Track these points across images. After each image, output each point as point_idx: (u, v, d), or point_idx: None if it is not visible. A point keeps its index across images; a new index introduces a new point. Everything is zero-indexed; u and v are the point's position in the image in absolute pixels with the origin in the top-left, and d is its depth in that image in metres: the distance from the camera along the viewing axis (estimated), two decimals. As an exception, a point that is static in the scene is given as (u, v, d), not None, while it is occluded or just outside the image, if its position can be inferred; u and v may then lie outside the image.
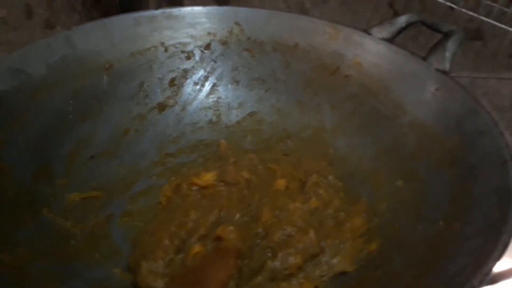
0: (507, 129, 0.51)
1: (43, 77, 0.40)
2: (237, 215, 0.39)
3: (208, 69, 0.49)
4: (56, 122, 0.40)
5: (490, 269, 0.26)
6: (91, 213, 0.39)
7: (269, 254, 0.36)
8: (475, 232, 0.30)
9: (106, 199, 0.41)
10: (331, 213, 0.40)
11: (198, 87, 0.49)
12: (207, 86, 0.50)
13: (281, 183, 0.42)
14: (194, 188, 0.42)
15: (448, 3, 0.64)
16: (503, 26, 0.63)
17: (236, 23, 0.49)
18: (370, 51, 0.46)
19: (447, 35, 0.44)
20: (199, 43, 0.49)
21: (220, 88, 0.50)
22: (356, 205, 0.40)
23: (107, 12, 0.64)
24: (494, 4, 0.62)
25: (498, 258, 0.26)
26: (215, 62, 0.50)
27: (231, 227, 0.37)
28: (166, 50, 0.48)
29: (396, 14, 0.67)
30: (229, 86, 0.50)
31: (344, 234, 0.38)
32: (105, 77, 0.44)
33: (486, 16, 0.63)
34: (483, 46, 0.72)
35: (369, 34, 0.46)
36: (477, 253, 0.28)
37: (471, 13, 0.64)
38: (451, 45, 0.43)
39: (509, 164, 0.33)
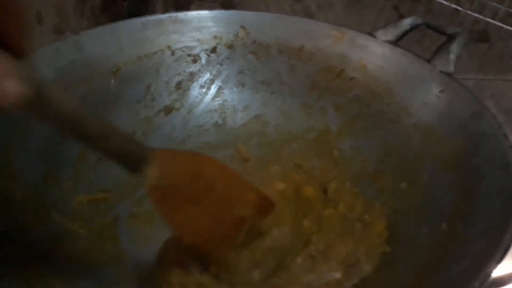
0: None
1: (52, 81, 0.41)
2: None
3: (214, 72, 0.50)
4: (65, 125, 0.41)
5: (492, 271, 0.26)
6: (98, 215, 0.40)
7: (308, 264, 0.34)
8: (478, 234, 0.30)
9: (113, 202, 0.41)
10: (357, 217, 0.39)
11: (204, 90, 0.50)
12: (213, 89, 0.50)
13: (309, 190, 0.42)
14: None
15: (454, 5, 0.64)
16: (509, 28, 0.63)
17: (242, 27, 0.50)
18: (375, 54, 0.47)
19: (451, 37, 0.44)
20: (205, 46, 0.49)
21: (225, 91, 0.50)
22: (374, 208, 0.40)
23: (116, 17, 0.65)
24: (500, 6, 0.62)
25: (500, 259, 0.27)
26: (221, 65, 0.50)
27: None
28: (172, 53, 0.48)
29: (401, 17, 0.68)
30: (235, 89, 0.50)
31: (374, 239, 0.37)
32: (112, 80, 0.45)
33: (492, 18, 0.63)
34: (489, 48, 0.72)
35: (374, 37, 0.47)
36: (480, 254, 0.28)
37: (476, 15, 0.64)
38: (455, 47, 0.43)
39: (512, 166, 0.33)
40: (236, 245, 0.31)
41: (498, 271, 0.35)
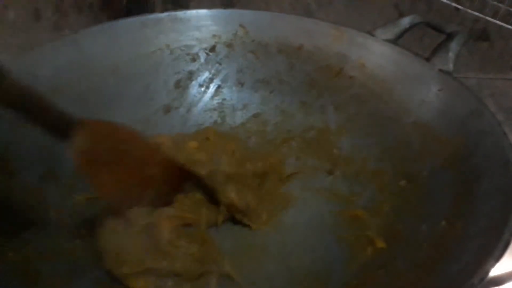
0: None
1: (51, 80, 0.41)
2: None
3: (213, 71, 0.50)
4: (63, 123, 0.41)
5: (491, 268, 0.26)
6: (97, 213, 0.40)
7: None
8: (478, 232, 0.30)
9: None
10: None
11: (203, 89, 0.50)
12: (212, 88, 0.50)
13: None
14: None
15: (454, 4, 0.64)
16: (509, 26, 0.62)
17: (241, 26, 0.49)
18: (374, 53, 0.46)
19: (450, 36, 0.44)
20: (204, 45, 0.49)
21: (224, 90, 0.50)
22: None
23: (114, 16, 0.65)
24: (500, 5, 0.62)
25: (499, 257, 0.27)
26: (220, 64, 0.50)
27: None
28: (171, 52, 0.48)
29: (401, 15, 0.67)
30: (234, 88, 0.50)
31: None
32: (111, 79, 0.45)
33: (492, 17, 0.63)
34: (490, 47, 0.72)
35: (373, 35, 0.47)
36: (479, 252, 0.28)
37: (477, 13, 0.63)
38: (454, 46, 0.43)
39: (511, 164, 0.33)
40: (147, 201, 0.35)
41: (497, 270, 0.35)
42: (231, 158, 0.39)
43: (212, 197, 0.39)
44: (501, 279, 0.39)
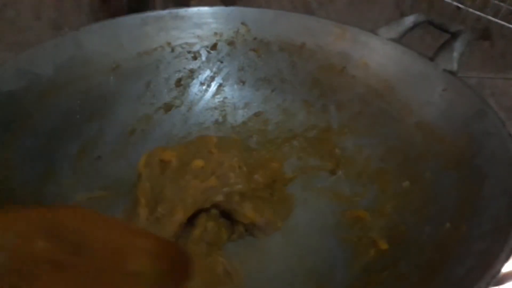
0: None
1: (51, 78, 0.40)
2: None
3: (214, 69, 0.50)
4: (64, 122, 0.41)
5: (498, 271, 0.26)
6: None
7: None
8: (483, 234, 0.30)
9: (112, 199, 0.41)
10: None
11: (204, 87, 0.49)
12: (213, 86, 0.50)
13: None
14: None
15: (455, 3, 0.64)
16: (511, 26, 0.62)
17: (243, 23, 0.49)
18: (377, 52, 0.46)
19: (454, 35, 0.43)
20: (206, 43, 0.49)
21: (226, 88, 0.50)
22: None
23: (115, 13, 0.64)
24: (502, 4, 0.62)
25: (506, 260, 0.26)
26: (221, 62, 0.50)
27: None
28: (172, 50, 0.48)
29: (403, 14, 0.67)
30: (235, 86, 0.50)
31: None
32: (112, 77, 0.45)
33: (493, 16, 0.63)
34: (491, 46, 0.71)
35: (376, 34, 0.46)
36: (484, 255, 0.28)
37: (478, 13, 0.63)
38: (458, 45, 0.43)
39: (517, 166, 0.32)
40: None
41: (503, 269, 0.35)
42: (239, 173, 0.38)
43: (229, 218, 0.38)
44: (501, 279, 0.39)
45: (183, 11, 0.48)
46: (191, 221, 0.37)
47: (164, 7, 0.60)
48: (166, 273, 0.24)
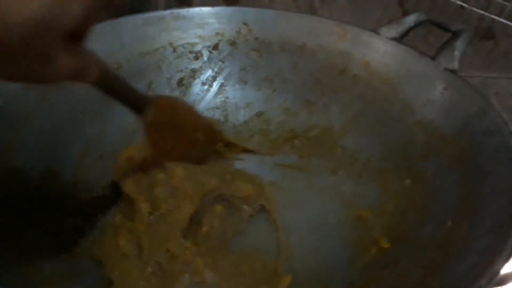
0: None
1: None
2: None
3: (216, 69, 0.50)
4: (66, 122, 0.41)
5: (498, 270, 0.26)
6: (100, 212, 0.40)
7: None
8: (484, 233, 0.30)
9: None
10: None
11: (206, 87, 0.50)
12: (215, 86, 0.50)
13: None
14: None
15: (459, 2, 0.64)
16: (514, 25, 0.62)
17: (244, 24, 0.49)
18: (378, 51, 0.46)
19: (456, 34, 0.43)
20: (207, 43, 0.49)
21: (228, 88, 0.50)
22: None
23: (117, 14, 0.64)
24: (505, 3, 0.62)
25: (507, 259, 0.26)
26: (223, 62, 0.50)
27: None
28: (174, 50, 0.48)
29: (406, 14, 0.67)
30: (237, 86, 0.50)
31: None
32: (114, 77, 0.45)
33: (497, 15, 0.62)
34: (495, 45, 0.71)
35: (378, 33, 0.46)
36: (486, 253, 0.28)
37: (482, 12, 0.63)
38: (460, 44, 0.43)
39: (518, 164, 0.32)
40: (196, 159, 0.41)
41: (505, 269, 0.35)
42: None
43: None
44: (503, 279, 0.39)
45: (185, 11, 0.48)
46: (197, 219, 0.37)
47: (167, 7, 0.60)
48: (208, 140, 0.43)
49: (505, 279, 0.38)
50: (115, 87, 0.32)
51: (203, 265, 0.35)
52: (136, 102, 0.35)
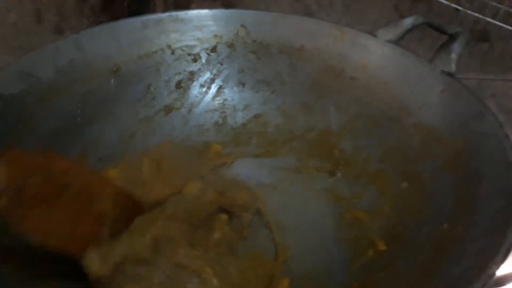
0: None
1: (52, 81, 0.41)
2: None
3: (214, 71, 0.50)
4: (65, 125, 0.41)
5: (494, 272, 0.26)
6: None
7: None
8: (479, 235, 0.30)
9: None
10: None
11: (204, 89, 0.50)
12: (213, 88, 0.50)
13: None
14: None
15: (454, 5, 0.64)
16: (509, 27, 0.63)
17: (242, 26, 0.49)
18: (375, 53, 0.46)
19: (453, 37, 0.44)
20: (206, 45, 0.49)
21: (226, 91, 0.50)
22: None
23: (116, 16, 0.64)
24: (500, 6, 0.62)
25: (502, 261, 0.26)
26: (221, 64, 0.50)
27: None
28: (173, 53, 0.48)
29: (401, 16, 0.67)
30: (235, 89, 0.50)
31: None
32: (112, 80, 0.45)
33: (492, 18, 0.63)
34: (490, 47, 0.72)
35: (375, 36, 0.46)
36: (481, 255, 0.28)
37: (477, 14, 0.64)
38: (457, 47, 0.43)
39: (513, 167, 0.33)
40: (101, 240, 0.30)
41: (499, 270, 0.35)
42: None
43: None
44: (503, 280, 0.39)
45: (183, 14, 0.49)
46: (206, 225, 0.38)
47: (165, 10, 0.61)
48: (122, 214, 0.31)
49: (503, 280, 0.38)
50: None
51: (212, 274, 0.33)
52: None
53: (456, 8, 0.64)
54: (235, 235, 0.39)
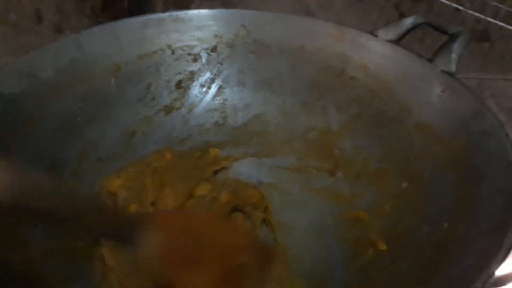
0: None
1: (52, 80, 0.41)
2: None
3: (214, 71, 0.50)
4: (65, 124, 0.41)
5: (494, 271, 0.26)
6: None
7: None
8: (480, 234, 0.30)
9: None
10: None
11: (204, 89, 0.50)
12: (214, 88, 0.50)
13: None
14: None
15: (455, 5, 0.64)
16: (510, 27, 0.62)
17: (242, 26, 0.49)
18: (376, 53, 0.46)
19: (453, 37, 0.44)
20: (206, 45, 0.49)
21: (226, 90, 0.50)
22: None
23: (116, 16, 0.64)
24: (501, 5, 0.62)
25: (502, 260, 0.26)
26: (222, 64, 0.50)
27: None
28: (173, 52, 0.48)
29: (402, 16, 0.67)
30: (235, 88, 0.50)
31: None
32: (112, 80, 0.45)
33: (493, 18, 0.63)
34: (491, 47, 0.72)
35: (375, 36, 0.46)
36: (481, 254, 0.28)
37: (477, 14, 0.63)
38: (457, 47, 0.43)
39: (514, 166, 0.33)
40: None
41: (499, 270, 0.35)
42: None
43: None
44: (503, 280, 0.39)
45: (183, 13, 0.48)
46: None
47: (165, 9, 0.61)
48: (259, 261, 0.29)
49: (504, 280, 0.38)
50: (68, 209, 0.22)
51: None
52: (116, 228, 0.24)
53: (457, 8, 0.64)
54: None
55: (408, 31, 0.46)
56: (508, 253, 0.27)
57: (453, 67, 0.42)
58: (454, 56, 0.42)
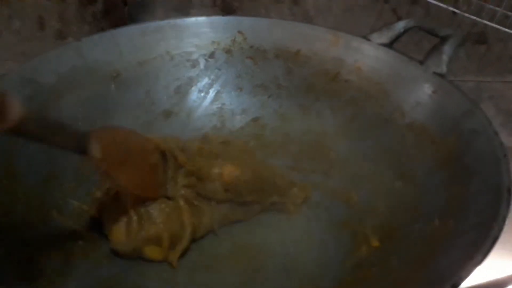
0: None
1: (54, 86, 0.42)
2: None
3: (212, 76, 0.51)
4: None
5: (479, 262, 0.27)
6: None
7: None
8: (468, 229, 0.31)
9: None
10: None
11: (202, 94, 0.51)
12: (212, 93, 0.51)
13: None
14: None
15: (451, 8, 0.65)
16: (507, 30, 0.63)
17: (239, 32, 0.50)
18: (369, 56, 0.47)
19: (443, 39, 0.44)
20: (204, 51, 0.50)
21: (224, 95, 0.51)
22: None
23: (117, 23, 0.66)
24: (497, 8, 0.63)
25: (488, 251, 0.27)
26: (219, 70, 0.51)
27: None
28: (171, 59, 0.49)
29: (399, 20, 0.68)
30: (233, 93, 0.51)
31: None
32: (113, 85, 0.46)
33: (489, 21, 0.64)
34: (488, 50, 0.72)
35: (368, 40, 0.47)
36: (468, 247, 0.28)
37: (474, 17, 0.64)
38: (447, 49, 0.44)
39: (502, 162, 0.33)
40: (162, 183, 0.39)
41: (499, 273, 0.36)
42: None
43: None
44: (504, 282, 0.40)
45: (181, 21, 0.50)
46: None
47: (165, 16, 0.62)
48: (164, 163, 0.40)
49: (505, 282, 0.39)
50: (44, 131, 0.30)
51: None
52: (75, 142, 0.32)
53: (453, 11, 0.65)
54: None
55: (400, 35, 0.47)
56: (493, 244, 0.27)
57: (444, 69, 0.43)
58: (445, 58, 0.43)
